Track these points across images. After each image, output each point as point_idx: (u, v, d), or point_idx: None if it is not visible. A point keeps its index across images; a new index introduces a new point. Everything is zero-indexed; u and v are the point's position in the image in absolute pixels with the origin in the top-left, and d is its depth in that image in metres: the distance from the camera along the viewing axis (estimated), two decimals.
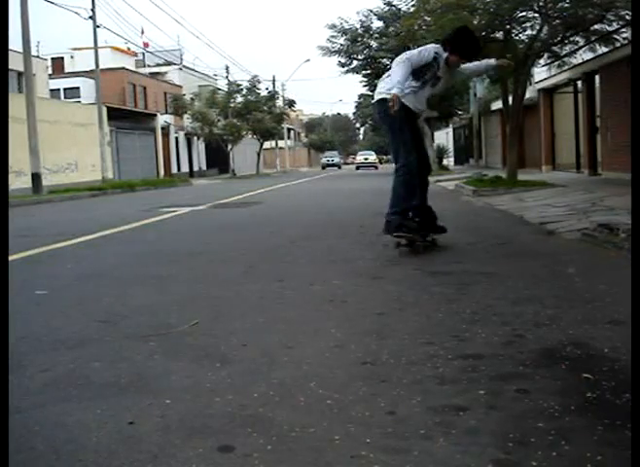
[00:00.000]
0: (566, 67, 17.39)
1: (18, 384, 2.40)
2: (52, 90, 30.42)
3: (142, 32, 39.35)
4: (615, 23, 13.10)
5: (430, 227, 5.56)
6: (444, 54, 5.37)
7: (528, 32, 14.56)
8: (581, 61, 16.62)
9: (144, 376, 2.46)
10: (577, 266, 4.52)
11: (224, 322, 3.26)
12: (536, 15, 13.43)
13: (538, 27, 13.57)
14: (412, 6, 18.27)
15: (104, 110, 26.83)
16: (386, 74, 5.44)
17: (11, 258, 5.64)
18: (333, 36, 28.24)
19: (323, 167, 61.05)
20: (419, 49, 5.44)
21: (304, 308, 3.53)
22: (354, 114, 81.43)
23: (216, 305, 3.64)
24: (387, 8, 27.63)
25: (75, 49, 38.31)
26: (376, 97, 5.48)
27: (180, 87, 42.37)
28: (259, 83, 42.85)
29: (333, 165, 61.63)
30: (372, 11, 28.11)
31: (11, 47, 22.83)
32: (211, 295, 3.95)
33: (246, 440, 1.88)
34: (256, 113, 41.10)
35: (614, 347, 2.61)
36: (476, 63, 5.78)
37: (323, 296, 3.81)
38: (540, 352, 2.59)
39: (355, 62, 28.98)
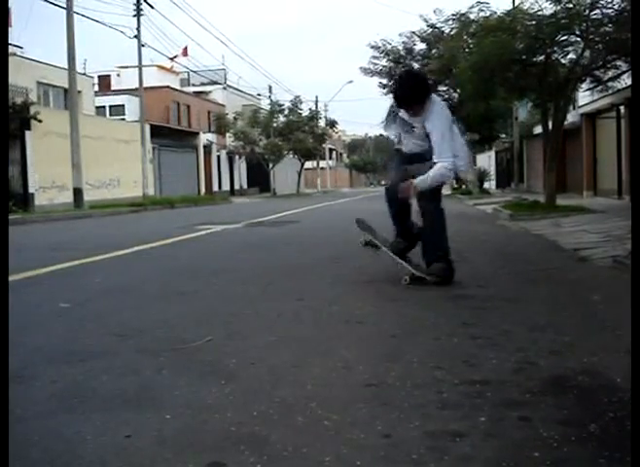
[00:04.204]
0: (609, 92, 17.18)
1: (26, 395, 2.44)
2: (97, 108, 31.13)
3: (185, 54, 38.34)
4: None
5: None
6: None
7: (570, 56, 14.45)
8: (624, 86, 16.40)
9: (149, 390, 2.48)
10: (603, 293, 4.43)
11: (237, 339, 3.27)
12: (578, 39, 13.32)
13: (579, 51, 13.45)
14: (455, 28, 18.32)
15: (147, 127, 27.37)
16: None
17: (42, 271, 5.77)
18: (375, 57, 28.41)
19: None
20: None
21: (319, 328, 3.52)
22: None
23: (232, 323, 3.65)
24: (430, 30, 27.71)
25: (122, 67, 39.20)
26: None
27: (223, 105, 42.94)
28: (301, 103, 43.26)
29: None
30: (415, 33, 28.22)
31: (58, 64, 23.49)
32: (230, 312, 3.97)
33: (237, 458, 1.87)
34: (297, 133, 41.40)
35: (627, 377, 2.55)
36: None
37: (340, 316, 3.80)
38: (549, 380, 2.54)
39: None
